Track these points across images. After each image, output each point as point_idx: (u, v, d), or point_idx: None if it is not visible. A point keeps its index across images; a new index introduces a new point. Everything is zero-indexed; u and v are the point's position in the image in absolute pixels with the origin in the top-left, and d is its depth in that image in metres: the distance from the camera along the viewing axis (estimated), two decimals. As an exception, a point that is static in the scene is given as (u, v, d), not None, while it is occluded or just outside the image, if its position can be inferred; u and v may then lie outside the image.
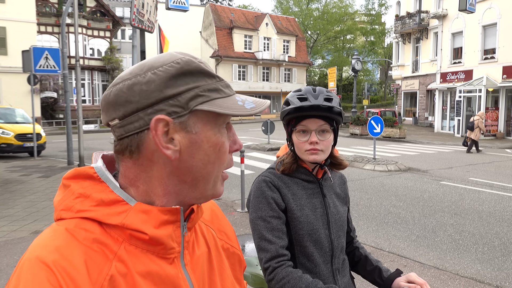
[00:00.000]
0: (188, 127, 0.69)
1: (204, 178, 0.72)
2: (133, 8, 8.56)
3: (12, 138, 13.85)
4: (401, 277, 1.51)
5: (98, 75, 35.84)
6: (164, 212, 0.69)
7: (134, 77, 0.68)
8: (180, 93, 0.68)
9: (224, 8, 44.43)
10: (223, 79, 0.74)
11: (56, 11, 33.25)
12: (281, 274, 1.41)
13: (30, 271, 0.60)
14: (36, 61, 12.53)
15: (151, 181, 0.71)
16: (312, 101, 1.45)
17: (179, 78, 0.68)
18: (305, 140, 1.49)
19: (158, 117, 0.66)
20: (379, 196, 8.33)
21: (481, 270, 4.70)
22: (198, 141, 0.70)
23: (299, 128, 1.50)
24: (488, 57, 23.50)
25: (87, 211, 0.67)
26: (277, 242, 1.45)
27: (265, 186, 1.51)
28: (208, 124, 0.70)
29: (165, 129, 0.67)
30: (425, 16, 29.31)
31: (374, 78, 60.12)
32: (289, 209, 1.50)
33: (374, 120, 12.27)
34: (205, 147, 0.70)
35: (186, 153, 0.69)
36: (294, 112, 1.48)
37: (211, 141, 0.70)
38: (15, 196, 8.06)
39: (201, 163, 0.70)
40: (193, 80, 0.69)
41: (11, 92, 24.06)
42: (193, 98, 0.68)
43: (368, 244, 5.53)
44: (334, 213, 1.58)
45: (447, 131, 26.57)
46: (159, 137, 0.67)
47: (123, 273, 0.65)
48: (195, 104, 0.68)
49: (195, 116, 0.69)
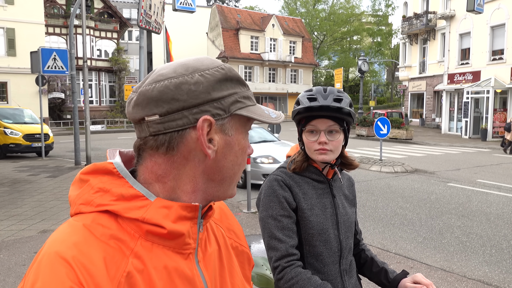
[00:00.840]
0: (226, 129, 0.73)
1: (231, 177, 0.77)
2: (141, 9, 8.60)
3: (21, 138, 13.98)
4: (407, 278, 1.51)
5: (105, 76, 36.07)
6: (184, 208, 0.70)
7: (181, 77, 0.69)
8: (224, 97, 0.72)
9: (231, 9, 44.52)
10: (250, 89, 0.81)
11: (64, 12, 33.52)
12: (290, 274, 1.41)
13: (49, 266, 0.60)
14: (44, 62, 12.65)
15: (181, 178, 0.72)
16: (321, 101, 1.45)
17: (224, 83, 0.72)
18: (314, 140, 1.49)
19: (205, 117, 0.69)
20: (385, 198, 8.29)
21: (488, 272, 4.66)
22: (232, 143, 0.75)
23: (309, 128, 1.51)
24: (496, 58, 23.31)
25: (107, 205, 0.68)
26: (287, 241, 1.45)
27: (276, 185, 1.51)
28: (240, 128, 0.76)
29: (207, 129, 0.70)
30: (432, 17, 29.14)
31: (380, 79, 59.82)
32: (299, 208, 1.50)
33: (380, 121, 12.22)
34: (236, 149, 0.76)
35: (221, 153, 0.73)
36: (303, 112, 1.49)
37: (241, 144, 0.76)
38: (23, 195, 8.13)
39: (230, 164, 0.75)
40: (232, 87, 0.74)
41: (19, 93, 24.29)
42: (233, 103, 0.73)
43: (375, 245, 5.51)
44: (343, 214, 1.58)
45: (454, 132, 26.38)
46: (204, 136, 0.70)
47: (139, 269, 0.66)
48: (235, 108, 0.73)
49: (232, 120, 0.74)
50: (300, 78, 45.95)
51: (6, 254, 4.95)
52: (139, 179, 0.73)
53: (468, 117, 23.61)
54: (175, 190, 0.72)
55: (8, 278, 4.25)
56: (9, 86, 24.84)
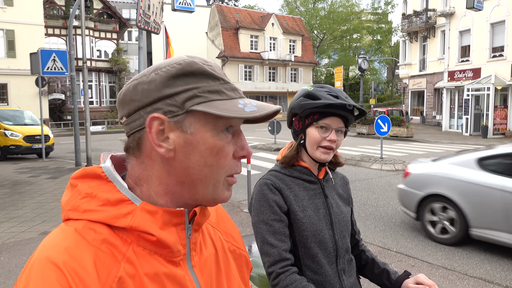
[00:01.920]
0: (184, 127, 0.69)
1: (202, 181, 0.71)
2: (139, 10, 8.60)
3: (21, 140, 13.98)
4: (410, 278, 1.50)
5: (105, 77, 36.08)
6: (169, 214, 0.70)
7: (140, 77, 0.70)
8: (178, 93, 0.68)
9: (230, 9, 44.50)
10: (230, 82, 0.74)
11: (63, 13, 33.53)
12: (285, 281, 1.39)
13: (40, 271, 0.60)
14: (44, 63, 12.64)
15: (152, 180, 0.71)
16: (343, 99, 1.46)
17: (179, 78, 0.69)
18: (325, 136, 1.48)
19: (153, 115, 0.67)
20: (386, 196, 8.28)
21: (490, 270, 4.65)
22: (194, 142, 0.69)
23: (321, 123, 1.48)
24: (496, 55, 23.29)
25: (94, 212, 0.67)
26: (280, 246, 1.44)
27: (266, 189, 1.49)
28: (207, 126, 0.70)
29: (160, 127, 0.68)
30: (432, 14, 29.09)
31: (381, 77, 59.80)
32: (291, 210, 1.49)
33: (381, 119, 12.20)
34: (201, 149, 0.69)
35: (181, 153, 0.69)
36: (323, 107, 1.45)
37: (207, 143, 0.69)
38: (23, 197, 8.13)
39: (197, 165, 0.70)
40: (193, 81, 0.69)
41: (19, 94, 24.32)
42: (190, 98, 0.68)
43: (376, 244, 5.50)
44: (337, 213, 1.57)
45: (455, 130, 26.36)
46: (152, 134, 0.68)
47: (131, 274, 0.65)
48: (191, 104, 0.68)
49: (192, 117, 0.69)
50: (300, 76, 45.94)
51: (6, 256, 4.95)
52: (127, 183, 0.73)
53: (468, 114, 23.58)
54: (150, 193, 0.71)
55: (8, 281, 4.25)
56: (9, 88, 24.86)
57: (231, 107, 0.69)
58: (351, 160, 12.75)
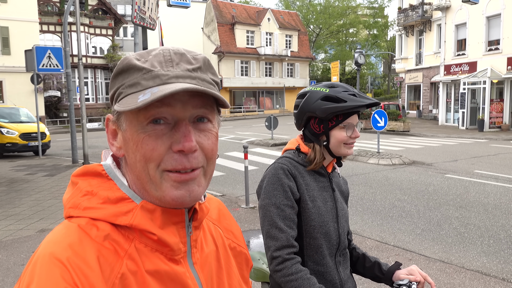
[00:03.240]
0: (120, 125, 0.70)
1: (141, 177, 0.69)
2: (134, 6, 8.54)
3: (17, 138, 13.92)
4: (402, 269, 1.53)
5: (101, 73, 35.90)
6: (168, 213, 0.70)
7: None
8: (114, 92, 0.71)
9: (226, 4, 44.29)
10: (154, 70, 0.68)
11: (58, 10, 33.29)
12: (290, 269, 1.40)
13: (44, 267, 0.60)
14: (39, 60, 12.57)
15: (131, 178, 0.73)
16: (363, 97, 1.51)
17: (115, 77, 0.71)
18: (349, 135, 1.52)
19: (107, 116, 0.72)
20: (383, 190, 8.31)
21: (486, 263, 4.68)
22: (127, 139, 0.69)
23: (345, 123, 1.52)
24: (492, 49, 23.32)
25: (94, 209, 0.68)
26: (288, 232, 1.44)
27: (282, 174, 1.49)
28: (132, 121, 0.68)
29: (113, 127, 0.71)
30: (428, 8, 29.08)
31: (377, 72, 59.81)
32: (302, 199, 1.50)
33: (377, 113, 12.22)
34: (131, 145, 0.68)
35: (125, 150, 0.70)
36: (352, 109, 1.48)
37: (133, 138, 0.68)
38: (21, 195, 8.11)
39: (133, 161, 0.69)
40: (124, 77, 0.70)
41: (15, 92, 24.16)
42: (118, 96, 0.70)
43: (373, 238, 5.52)
44: (341, 208, 1.61)
45: (451, 123, 26.44)
46: (108, 134, 0.72)
47: (133, 271, 0.66)
48: (116, 102, 0.70)
49: (123, 114, 0.69)
50: (296, 72, 45.87)
51: (4, 254, 4.94)
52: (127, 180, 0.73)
53: (465, 108, 23.64)
54: (139, 189, 0.72)
55: (7, 278, 4.24)
56: (4, 85, 24.69)
57: (130, 99, 0.67)
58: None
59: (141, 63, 0.68)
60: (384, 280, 1.57)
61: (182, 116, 0.68)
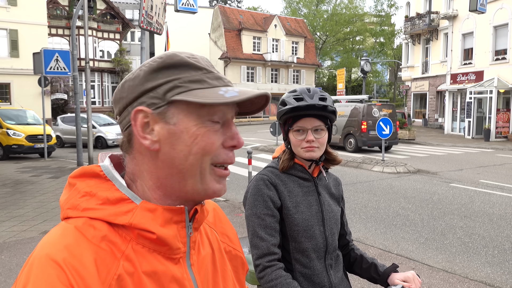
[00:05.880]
0: (167, 118, 0.69)
1: (189, 170, 0.70)
2: (142, 10, 8.62)
3: (23, 139, 14.03)
4: (399, 273, 1.54)
5: (108, 77, 36.13)
6: (169, 211, 0.70)
7: (128, 76, 0.73)
8: (159, 85, 0.69)
9: (233, 10, 44.52)
10: (214, 72, 0.73)
11: (66, 13, 33.61)
12: (270, 275, 1.45)
13: (40, 269, 0.60)
14: (46, 63, 12.68)
15: (143, 175, 0.72)
16: (308, 100, 1.51)
17: (160, 71, 0.70)
18: (302, 139, 1.55)
19: (137, 109, 0.69)
20: (387, 198, 8.26)
21: (491, 273, 4.63)
22: (178, 132, 0.69)
23: (296, 127, 1.55)
24: (499, 58, 23.22)
25: (93, 210, 0.67)
26: (269, 240, 1.49)
27: (262, 184, 1.56)
28: (190, 116, 0.69)
29: (145, 120, 0.69)
30: (435, 17, 29.06)
31: (383, 80, 59.67)
32: (284, 206, 1.55)
33: (383, 121, 12.19)
34: (185, 138, 0.69)
35: (167, 144, 0.69)
36: (290, 112, 1.53)
37: (190, 132, 0.69)
38: (25, 196, 8.15)
39: (182, 154, 0.69)
40: (175, 73, 0.70)
41: (22, 94, 24.36)
42: (171, 89, 0.69)
43: (376, 246, 5.49)
44: (329, 211, 1.63)
45: (457, 132, 26.29)
46: (137, 127, 0.69)
47: (130, 272, 0.66)
48: (172, 95, 0.69)
49: (175, 107, 0.69)
50: (302, 78, 45.91)
51: (7, 255, 4.96)
52: (125, 181, 0.73)
53: (471, 117, 23.51)
54: (144, 188, 0.72)
55: (9, 280, 4.26)
56: (12, 87, 24.91)
57: (210, 94, 0.69)
58: (352, 162, 12.73)
59: (197, 62, 0.72)
60: (379, 281, 1.58)
61: (231, 117, 0.74)
